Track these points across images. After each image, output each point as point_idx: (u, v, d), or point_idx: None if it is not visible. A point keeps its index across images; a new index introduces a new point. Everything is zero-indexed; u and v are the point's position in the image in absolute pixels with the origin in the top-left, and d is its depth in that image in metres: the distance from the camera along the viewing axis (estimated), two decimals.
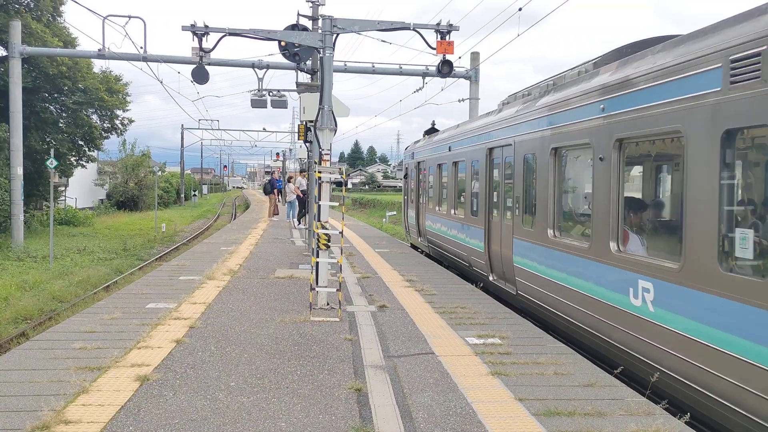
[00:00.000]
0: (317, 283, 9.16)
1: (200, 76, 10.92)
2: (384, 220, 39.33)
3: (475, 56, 24.44)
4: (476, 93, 25.26)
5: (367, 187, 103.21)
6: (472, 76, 24.55)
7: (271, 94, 20.14)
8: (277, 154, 46.05)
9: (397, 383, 5.97)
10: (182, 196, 64.16)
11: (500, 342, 7.52)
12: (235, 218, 38.62)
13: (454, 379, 6.11)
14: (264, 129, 57.63)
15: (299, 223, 23.43)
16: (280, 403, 5.37)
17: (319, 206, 9.08)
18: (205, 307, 9.10)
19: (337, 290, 8.84)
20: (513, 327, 8.35)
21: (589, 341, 7.83)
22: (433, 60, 27.99)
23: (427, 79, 24.07)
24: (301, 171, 25.73)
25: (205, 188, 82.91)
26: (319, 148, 9.25)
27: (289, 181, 24.71)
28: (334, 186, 10.21)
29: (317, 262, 9.14)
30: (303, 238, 19.47)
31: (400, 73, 24.17)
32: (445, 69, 9.74)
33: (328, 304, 9.23)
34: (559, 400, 5.51)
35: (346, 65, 23.61)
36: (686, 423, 5.05)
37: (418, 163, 18.95)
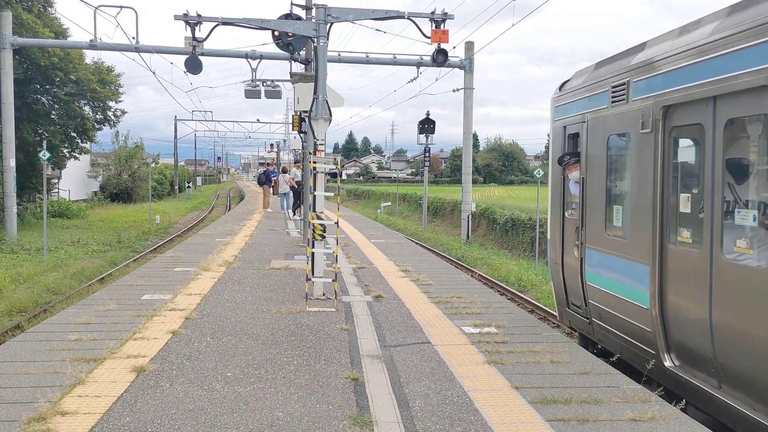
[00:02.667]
0: (313, 274, 9.15)
1: (193, 65, 10.84)
2: (379, 211, 39.31)
3: (469, 46, 24.39)
4: (471, 83, 25.22)
5: (361, 178, 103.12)
6: (466, 66, 24.50)
7: (264, 84, 20.03)
8: (271, 145, 45.95)
9: (394, 372, 5.98)
10: (176, 187, 63.95)
11: (496, 331, 7.54)
12: (229, 210, 38.53)
13: (450, 368, 6.12)
14: (258, 120, 57.60)
15: (294, 214, 23.40)
16: (277, 393, 5.37)
17: (314, 196, 9.06)
18: (201, 298, 9.08)
19: (332, 281, 8.83)
20: (509, 316, 8.37)
21: None
22: (428, 50, 28.03)
23: (422, 69, 24.03)
24: (296, 162, 25.68)
25: (199, 180, 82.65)
26: (314, 138, 9.21)
27: (283, 172, 24.66)
28: (329, 177, 10.18)
29: (313, 253, 9.12)
30: (298, 229, 19.44)
31: (395, 62, 24.09)
32: (440, 58, 9.70)
33: (324, 294, 9.23)
34: (555, 388, 5.53)
35: (340, 55, 23.52)
36: (681, 410, 5.08)
37: (667, 110, 5.95)
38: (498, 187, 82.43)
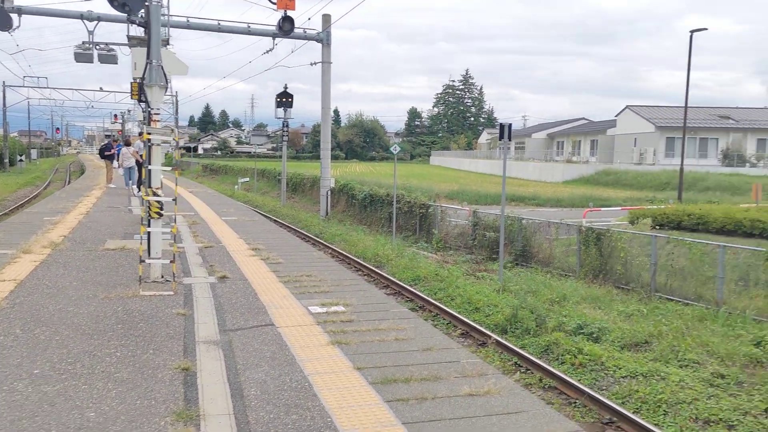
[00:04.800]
0: (149, 255, 8.43)
1: (1, 21, 9.49)
2: (236, 187, 38.05)
3: (326, 18, 23.91)
4: (328, 57, 24.80)
5: (219, 152, 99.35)
6: (323, 39, 24.01)
7: (98, 47, 18.27)
8: (115, 115, 42.57)
9: (231, 359, 5.58)
10: (6, 161, 57.65)
11: (344, 309, 7.36)
12: (68, 184, 35.35)
13: (292, 351, 5.83)
14: (101, 89, 53.13)
15: (138, 190, 21.83)
16: (91, 390, 4.77)
17: (150, 171, 8.31)
18: (15, 284, 8.03)
19: (171, 261, 8.18)
20: (358, 294, 8.23)
21: None
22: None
23: (279, 41, 23.23)
24: (140, 133, 23.93)
25: (33, 152, 75.18)
26: (148, 107, 8.42)
27: (126, 145, 22.88)
28: (184, 151, 9.40)
29: (149, 232, 8.40)
30: (142, 206, 18.12)
31: (249, 32, 23.04)
32: (287, 26, 9.25)
33: (162, 276, 8.54)
34: (397, 367, 5.43)
35: (188, 21, 22.06)
36: (515, 381, 5.17)
37: None
38: (360, 163, 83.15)
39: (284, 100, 28.39)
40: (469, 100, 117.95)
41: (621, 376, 7.60)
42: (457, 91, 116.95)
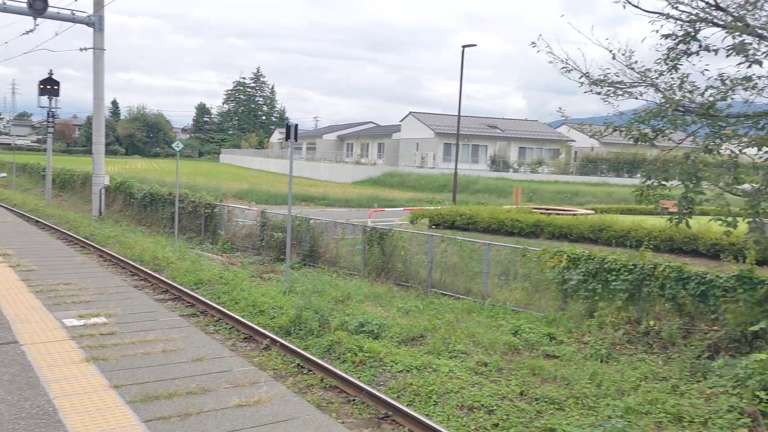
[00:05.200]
0: None
1: None
2: None
3: (98, 0, 21.85)
4: (102, 43, 22.69)
5: None
6: (96, 23, 21.90)
7: None
8: None
9: None
10: None
11: (106, 321, 6.65)
12: None
13: (37, 372, 5.08)
14: None
15: None
16: None
17: None
18: None
19: None
20: (124, 302, 7.52)
21: None
22: (54, 1, 24.42)
23: (43, 21, 20.67)
24: None
25: None
26: None
27: None
28: None
29: None
30: None
31: (4, 9, 20.19)
32: (39, 4, 8.18)
33: None
34: (161, 381, 4.99)
35: None
36: (288, 387, 5.03)
37: None
38: (142, 160, 77.92)
39: (49, 87, 25.45)
40: (261, 99, 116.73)
41: (397, 371, 7.86)
42: (249, 89, 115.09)
